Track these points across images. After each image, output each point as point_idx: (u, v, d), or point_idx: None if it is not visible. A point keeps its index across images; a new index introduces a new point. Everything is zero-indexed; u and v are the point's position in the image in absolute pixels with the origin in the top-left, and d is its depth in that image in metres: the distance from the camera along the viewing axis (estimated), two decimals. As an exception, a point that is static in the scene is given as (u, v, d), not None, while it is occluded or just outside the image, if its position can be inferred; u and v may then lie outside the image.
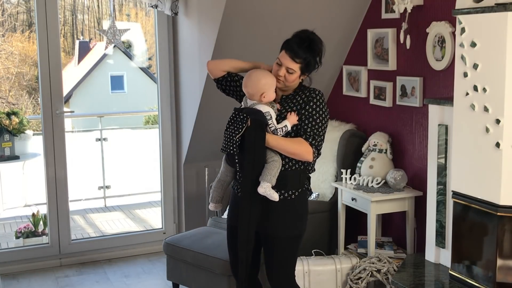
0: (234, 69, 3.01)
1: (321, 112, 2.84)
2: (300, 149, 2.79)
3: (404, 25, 3.75)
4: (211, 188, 3.13)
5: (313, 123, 2.82)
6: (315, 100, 2.84)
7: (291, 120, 2.83)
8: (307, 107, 2.83)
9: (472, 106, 3.01)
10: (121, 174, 8.70)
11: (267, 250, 2.96)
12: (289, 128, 2.81)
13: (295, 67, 2.81)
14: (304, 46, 2.81)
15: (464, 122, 3.08)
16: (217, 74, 3.02)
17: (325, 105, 2.87)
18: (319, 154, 2.88)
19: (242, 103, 2.94)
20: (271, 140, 2.78)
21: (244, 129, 2.77)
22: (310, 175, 3.01)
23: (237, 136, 2.77)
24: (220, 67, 3.01)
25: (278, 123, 2.83)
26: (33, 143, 5.77)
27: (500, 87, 2.84)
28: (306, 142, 2.80)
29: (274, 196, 2.79)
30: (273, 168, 2.79)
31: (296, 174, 2.89)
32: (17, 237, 4.97)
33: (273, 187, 2.81)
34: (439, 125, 3.41)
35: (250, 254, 2.88)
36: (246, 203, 2.83)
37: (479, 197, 3.02)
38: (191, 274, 3.90)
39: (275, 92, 2.86)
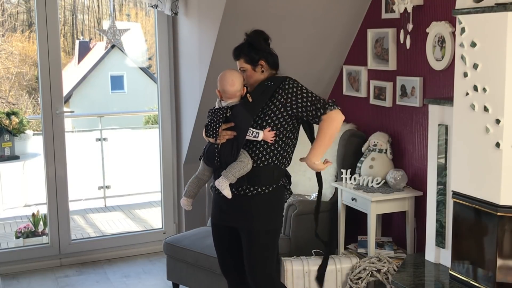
0: None
1: (303, 89, 2.92)
2: (332, 123, 2.91)
3: (409, 26, 3.74)
4: (188, 184, 3.16)
5: (310, 101, 2.88)
6: (292, 87, 2.90)
7: (266, 135, 2.88)
8: (293, 98, 2.89)
9: (472, 106, 3.01)
10: (121, 174, 8.69)
11: (244, 246, 3.00)
12: (259, 139, 2.87)
13: (241, 64, 2.98)
14: (238, 45, 3.01)
15: (464, 122, 3.08)
16: None
17: (300, 84, 2.94)
18: (336, 106, 2.94)
19: (217, 104, 3.00)
20: (317, 154, 2.92)
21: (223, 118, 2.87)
22: (290, 174, 3.08)
23: (219, 127, 2.86)
24: None
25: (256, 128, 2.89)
26: (33, 143, 5.77)
27: (500, 87, 2.84)
28: (328, 114, 2.89)
29: (226, 193, 2.87)
30: (238, 169, 2.85)
31: (269, 170, 2.93)
32: (17, 237, 4.97)
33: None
34: (439, 125, 3.41)
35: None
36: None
37: (479, 197, 3.02)
38: (191, 274, 3.90)
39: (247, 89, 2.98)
